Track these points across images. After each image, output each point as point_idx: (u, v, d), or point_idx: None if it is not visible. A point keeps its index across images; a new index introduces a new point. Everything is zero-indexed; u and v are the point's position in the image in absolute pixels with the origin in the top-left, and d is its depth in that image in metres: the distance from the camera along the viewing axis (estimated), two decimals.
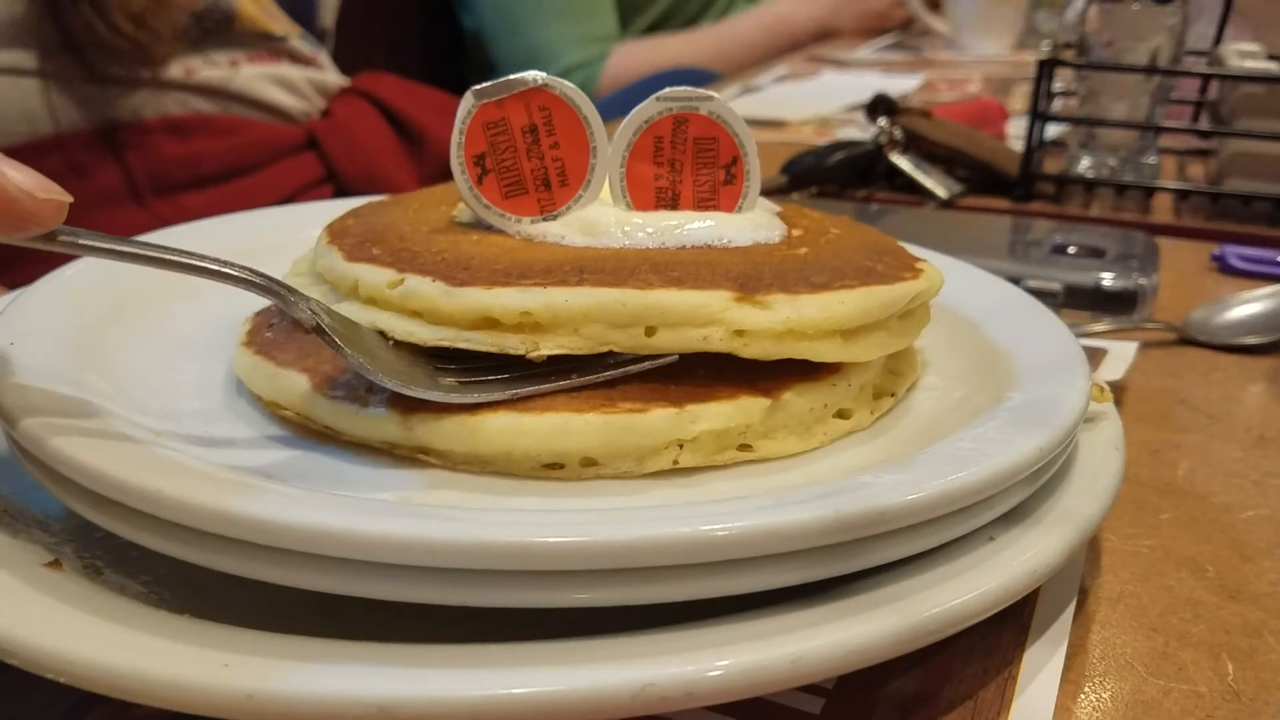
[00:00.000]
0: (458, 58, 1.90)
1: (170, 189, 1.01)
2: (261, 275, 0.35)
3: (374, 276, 0.38)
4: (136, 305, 0.45)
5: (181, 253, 0.34)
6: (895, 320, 0.41)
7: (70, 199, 0.31)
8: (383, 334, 0.37)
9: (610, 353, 0.37)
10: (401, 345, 0.37)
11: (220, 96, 1.04)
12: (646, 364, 0.37)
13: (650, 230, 0.41)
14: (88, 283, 0.45)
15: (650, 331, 0.36)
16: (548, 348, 0.36)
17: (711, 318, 0.36)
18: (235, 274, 0.34)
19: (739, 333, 0.37)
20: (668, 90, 0.42)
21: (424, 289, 0.37)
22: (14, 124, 0.91)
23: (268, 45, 1.09)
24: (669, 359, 0.37)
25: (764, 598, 0.31)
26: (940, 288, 0.42)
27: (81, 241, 0.32)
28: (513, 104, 0.41)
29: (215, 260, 0.34)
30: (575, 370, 0.37)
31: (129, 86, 0.97)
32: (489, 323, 0.36)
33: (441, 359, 0.37)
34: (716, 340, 0.36)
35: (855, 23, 2.01)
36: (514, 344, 0.36)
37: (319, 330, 0.35)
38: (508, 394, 0.36)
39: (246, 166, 1.07)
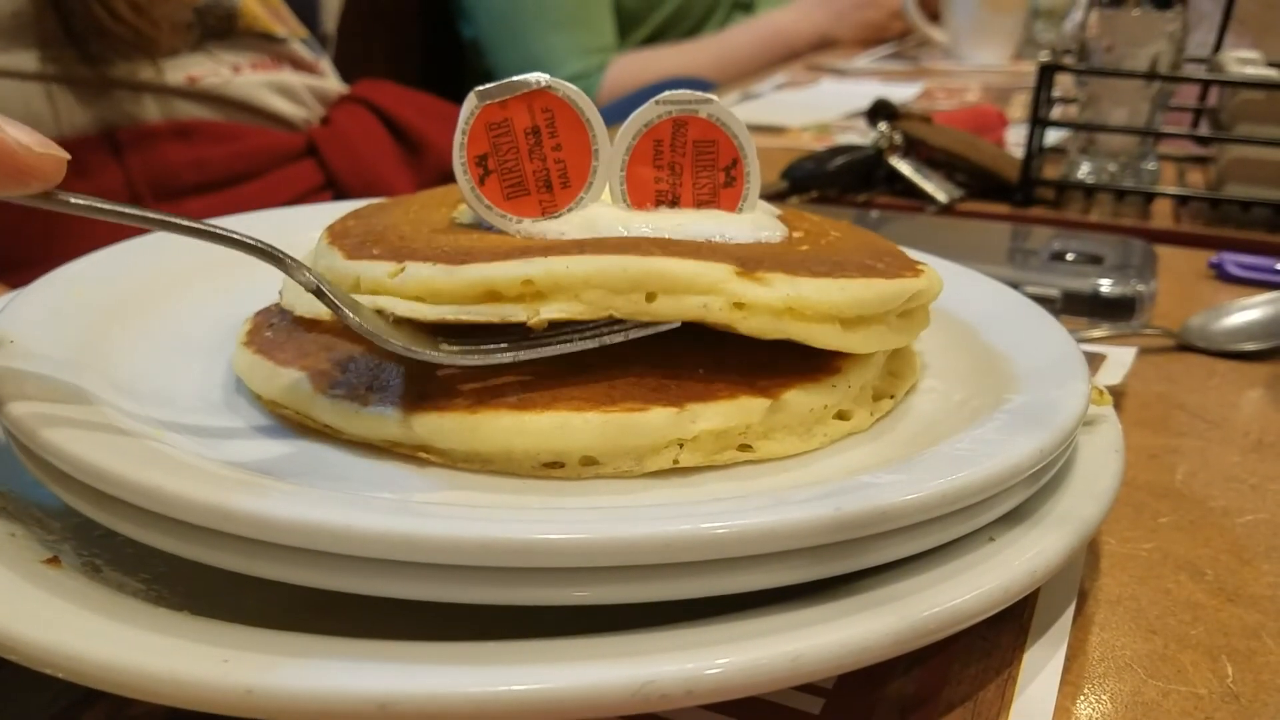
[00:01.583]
0: (457, 67, 1.91)
1: (171, 194, 1.01)
2: (257, 239, 0.35)
3: (375, 270, 0.38)
4: (137, 304, 0.45)
5: (173, 217, 0.33)
6: (894, 318, 0.41)
7: (68, 156, 0.31)
8: (383, 314, 0.37)
9: (611, 322, 0.37)
10: (402, 326, 0.37)
11: (222, 103, 1.04)
12: (649, 330, 0.37)
13: (651, 227, 0.41)
14: (88, 282, 0.45)
15: (651, 298, 0.36)
16: (549, 313, 0.36)
17: (712, 286, 0.36)
18: (230, 235, 0.34)
19: (738, 305, 0.36)
20: (667, 93, 0.42)
21: (424, 271, 0.37)
22: None
23: (269, 49, 1.09)
24: (671, 325, 0.37)
25: (764, 597, 0.31)
26: (940, 291, 0.43)
27: (74, 201, 0.32)
28: (516, 105, 0.41)
29: (209, 224, 0.34)
30: (576, 336, 0.37)
31: (132, 90, 0.97)
32: (491, 296, 0.36)
33: (444, 339, 0.37)
34: (716, 310, 0.36)
35: (854, 33, 2.01)
36: (515, 312, 0.36)
37: (319, 292, 0.35)
38: (509, 356, 0.36)
39: (247, 173, 1.07)
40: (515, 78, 0.41)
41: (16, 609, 0.28)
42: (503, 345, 0.36)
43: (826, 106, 1.36)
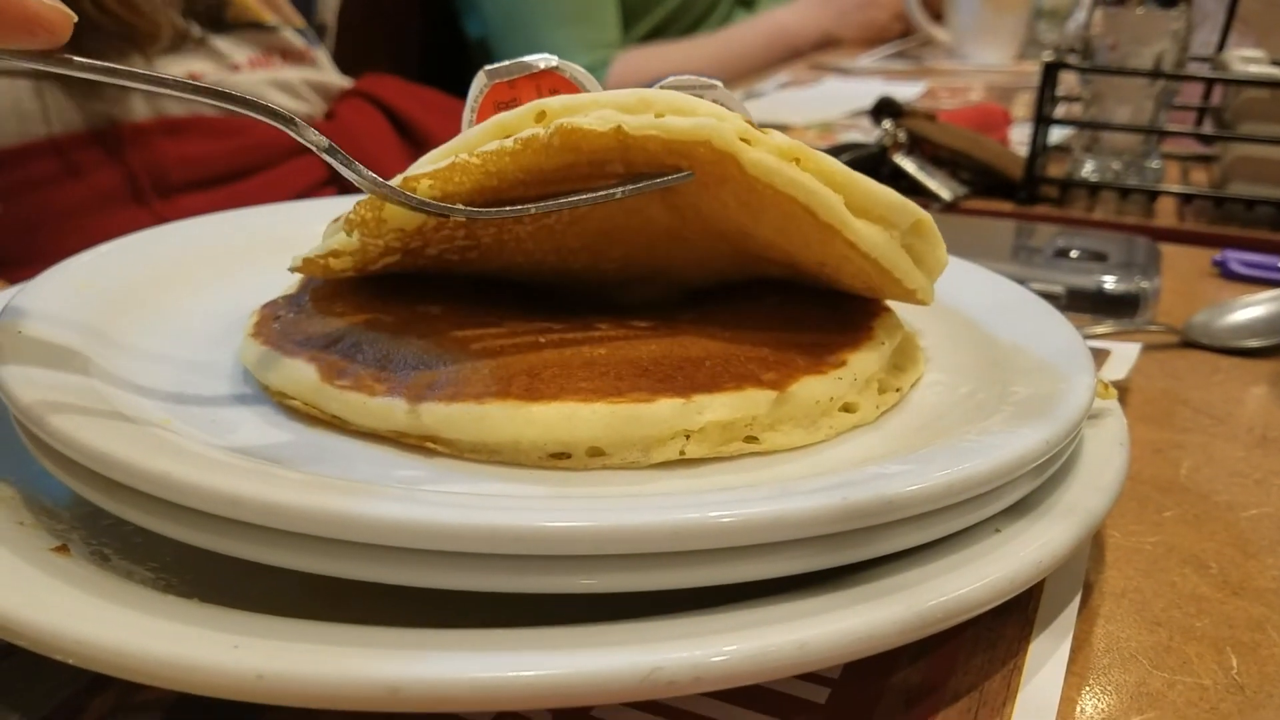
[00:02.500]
0: (456, 64, 1.91)
1: (173, 190, 1.01)
2: (264, 101, 0.34)
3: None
4: (144, 295, 0.46)
5: (180, 78, 0.33)
6: (898, 245, 0.40)
7: (75, 17, 0.31)
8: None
9: (620, 182, 0.37)
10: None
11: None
12: (658, 181, 0.36)
13: None
14: (95, 273, 0.45)
15: (660, 115, 0.35)
16: (558, 123, 0.35)
17: (721, 115, 0.35)
18: (236, 96, 0.34)
19: (746, 140, 0.35)
20: (672, 78, 0.42)
21: (437, 151, 0.37)
22: (7, 124, 0.91)
23: (262, 40, 1.09)
24: (682, 177, 0.36)
25: (771, 586, 0.31)
26: (945, 263, 0.42)
27: (79, 60, 0.31)
28: (524, 84, 0.41)
29: (215, 85, 0.34)
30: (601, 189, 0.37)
31: (123, 88, 0.97)
32: (503, 134, 0.37)
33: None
34: (724, 135, 0.35)
35: (857, 32, 2.01)
36: (527, 131, 0.36)
37: (332, 150, 0.35)
38: (524, 209, 0.36)
39: (249, 168, 1.07)
40: (524, 58, 0.41)
41: (25, 595, 0.28)
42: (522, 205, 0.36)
43: (830, 105, 1.36)
